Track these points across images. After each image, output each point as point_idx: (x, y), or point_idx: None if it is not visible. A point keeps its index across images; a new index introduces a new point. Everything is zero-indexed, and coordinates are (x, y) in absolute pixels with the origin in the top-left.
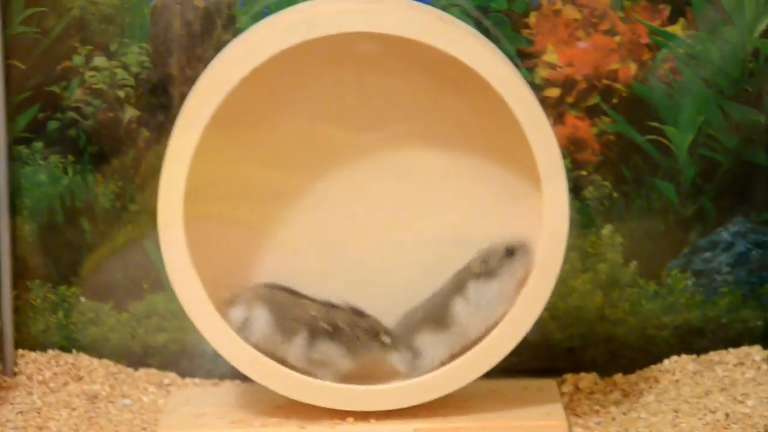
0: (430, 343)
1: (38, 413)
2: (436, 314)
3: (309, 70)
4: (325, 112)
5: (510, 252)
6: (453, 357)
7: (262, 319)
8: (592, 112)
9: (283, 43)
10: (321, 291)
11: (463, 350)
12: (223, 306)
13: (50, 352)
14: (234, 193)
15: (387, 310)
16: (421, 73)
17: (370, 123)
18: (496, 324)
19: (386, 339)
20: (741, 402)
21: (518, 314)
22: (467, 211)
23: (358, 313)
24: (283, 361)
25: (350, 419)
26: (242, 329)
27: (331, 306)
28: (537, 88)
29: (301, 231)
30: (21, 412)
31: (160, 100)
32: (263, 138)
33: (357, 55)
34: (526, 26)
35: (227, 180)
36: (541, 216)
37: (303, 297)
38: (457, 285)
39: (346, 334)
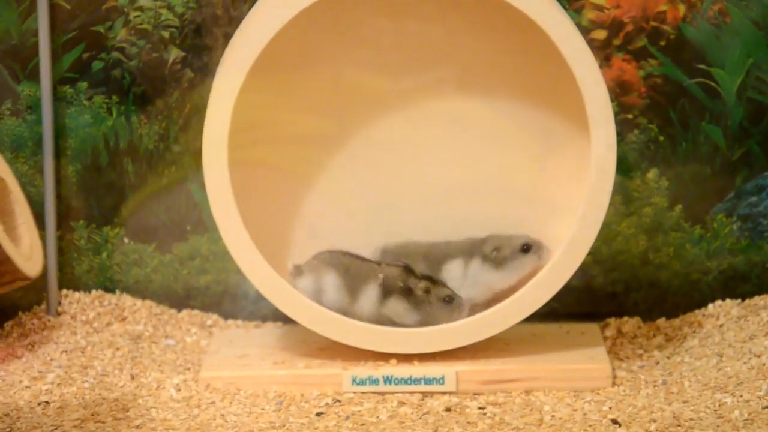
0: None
1: (82, 352)
2: (432, 260)
3: (347, 18)
4: (364, 59)
5: (525, 248)
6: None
7: (330, 283)
8: (639, 55)
9: None
10: (357, 237)
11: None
12: (291, 276)
13: (94, 292)
14: (275, 138)
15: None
16: (458, 17)
17: (408, 69)
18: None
19: (460, 306)
20: None
21: (562, 258)
22: (509, 160)
23: (432, 280)
24: (352, 316)
25: (393, 361)
26: (313, 298)
27: (406, 269)
28: (583, 30)
29: (340, 177)
30: (65, 351)
31: (205, 41)
32: (303, 84)
33: (393, 2)
34: None
35: (268, 125)
36: (588, 162)
37: (372, 261)
38: (464, 250)
39: (419, 297)
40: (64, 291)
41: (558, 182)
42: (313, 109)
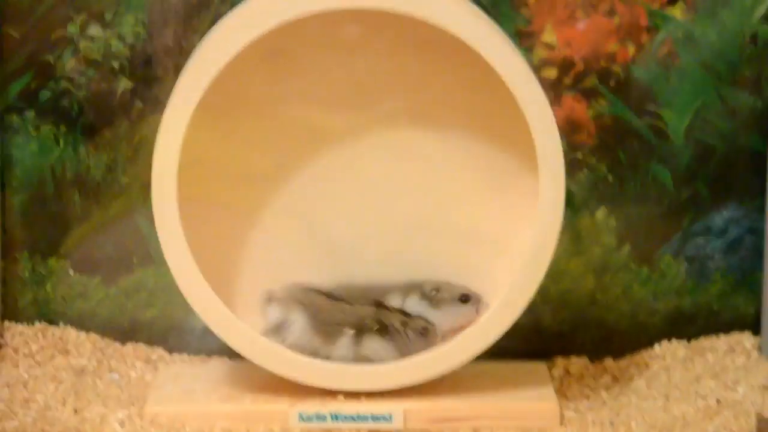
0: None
1: (24, 386)
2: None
3: (296, 54)
4: (312, 95)
5: (464, 299)
6: None
7: (298, 323)
8: (590, 94)
9: (282, 14)
10: (307, 274)
11: None
12: (262, 301)
13: (37, 324)
14: (223, 175)
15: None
16: (409, 53)
17: (357, 104)
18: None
19: (434, 336)
20: (732, 388)
21: (510, 298)
22: (457, 195)
23: (404, 313)
24: (327, 359)
25: (341, 397)
26: (277, 331)
27: (380, 306)
28: (534, 68)
29: (290, 215)
30: (7, 385)
31: (155, 72)
32: (252, 121)
33: (344, 37)
34: (525, 5)
35: (217, 161)
36: (536, 200)
37: (344, 301)
38: (402, 288)
39: (396, 331)
40: (7, 323)
41: (506, 219)
42: (261, 145)
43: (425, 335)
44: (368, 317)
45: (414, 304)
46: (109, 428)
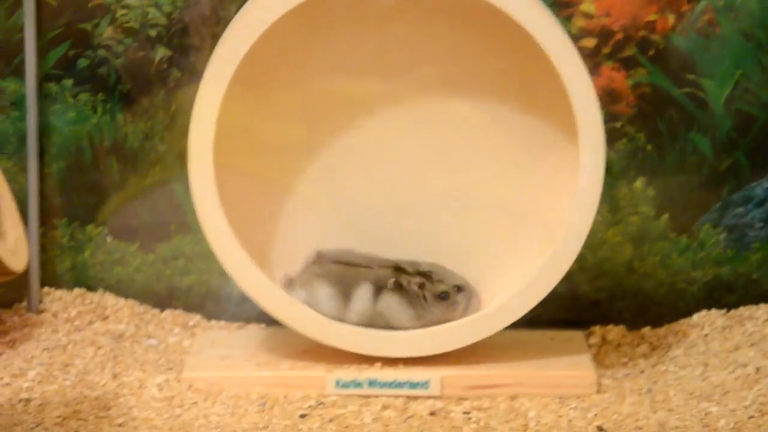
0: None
1: (64, 350)
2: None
3: (329, 24)
4: (347, 65)
5: (443, 295)
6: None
7: (325, 296)
8: (628, 64)
9: None
10: (339, 243)
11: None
12: (283, 288)
13: (76, 290)
14: (259, 145)
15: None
16: (443, 21)
17: (391, 73)
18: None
19: (455, 303)
20: None
21: (548, 266)
22: (493, 165)
23: (426, 276)
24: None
25: (378, 364)
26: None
27: (398, 269)
28: (573, 38)
29: (323, 184)
30: (46, 349)
31: (192, 41)
32: (286, 91)
33: (377, 6)
34: None
35: (253, 132)
36: (574, 170)
37: (361, 265)
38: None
39: (412, 293)
40: (46, 289)
41: (544, 188)
42: (295, 115)
43: (445, 299)
44: (386, 277)
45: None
46: (147, 393)
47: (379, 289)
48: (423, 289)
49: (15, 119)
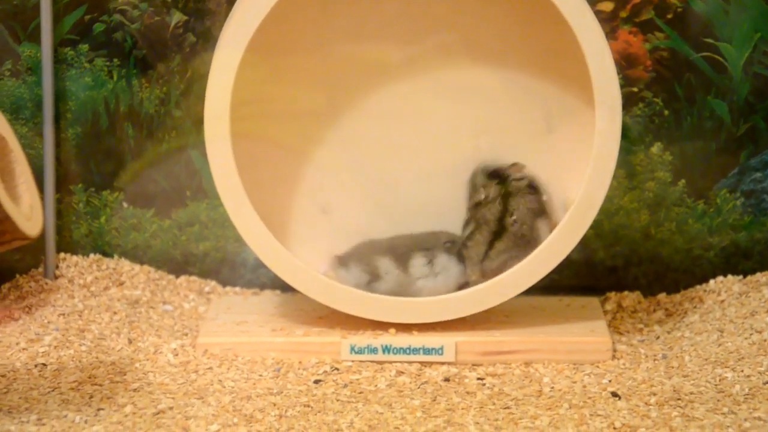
0: (389, 272)
1: (80, 316)
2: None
3: None
4: (368, 31)
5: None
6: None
7: (388, 269)
8: (646, 28)
9: None
10: (357, 211)
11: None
12: (333, 267)
13: (92, 256)
14: (276, 112)
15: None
16: None
17: (412, 38)
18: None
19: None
20: None
21: (563, 232)
22: (512, 129)
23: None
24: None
25: (392, 330)
26: (368, 286)
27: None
28: (590, 1)
29: (341, 150)
30: (63, 314)
31: (207, 6)
32: (305, 58)
33: None
34: None
35: (270, 98)
36: (591, 134)
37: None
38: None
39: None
40: (62, 254)
41: (561, 153)
42: (313, 82)
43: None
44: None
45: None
46: (162, 358)
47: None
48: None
49: (31, 84)
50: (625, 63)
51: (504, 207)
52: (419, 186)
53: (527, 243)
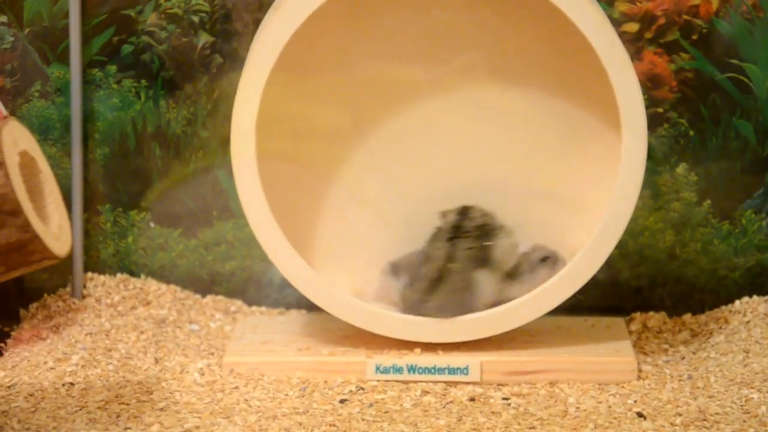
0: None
1: (107, 335)
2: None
3: (372, 10)
4: (390, 51)
5: (544, 260)
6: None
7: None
8: (671, 49)
9: None
10: (383, 230)
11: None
12: (385, 274)
13: (119, 276)
14: (302, 132)
15: None
16: (486, 7)
17: (435, 58)
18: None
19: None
20: None
21: (588, 253)
22: (536, 150)
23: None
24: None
25: (417, 350)
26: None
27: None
28: (615, 22)
29: (367, 171)
30: (90, 334)
31: (235, 27)
32: (330, 78)
33: None
34: None
35: (295, 118)
36: (616, 156)
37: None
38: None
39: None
40: (89, 274)
41: (585, 175)
42: (339, 101)
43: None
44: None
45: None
46: (189, 377)
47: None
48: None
49: (60, 105)
50: (650, 84)
51: (448, 249)
52: (443, 205)
53: (460, 291)
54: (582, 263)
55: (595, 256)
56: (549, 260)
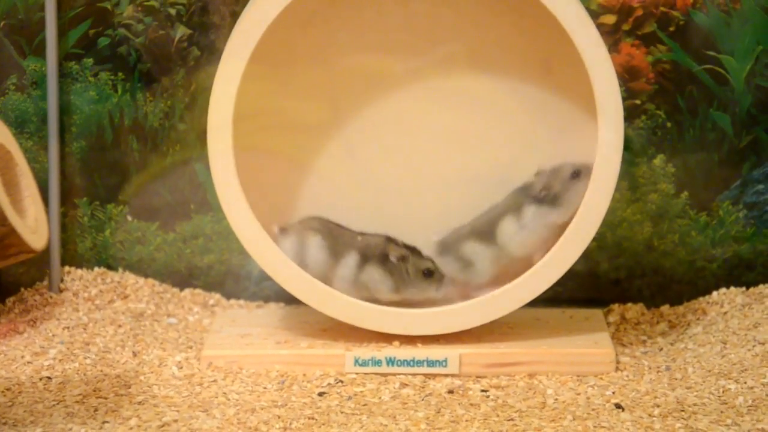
0: (478, 253)
1: (84, 329)
2: (482, 230)
3: (354, 2)
4: (370, 42)
5: (576, 174)
6: (499, 276)
7: (315, 246)
8: (648, 40)
9: None
10: (359, 222)
11: (507, 270)
12: (275, 236)
13: (96, 269)
14: (279, 125)
15: (422, 244)
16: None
17: (415, 49)
18: (540, 248)
19: (440, 281)
20: None
21: (566, 244)
22: (514, 145)
23: (416, 252)
24: (329, 283)
25: (396, 343)
26: (297, 257)
27: (389, 240)
28: (593, 14)
29: (344, 162)
30: (67, 328)
31: (212, 19)
32: (307, 70)
33: None
34: None
35: (272, 111)
36: (593, 146)
37: (356, 232)
38: (512, 205)
39: (394, 265)
40: (67, 268)
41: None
42: (316, 94)
43: (428, 276)
44: (375, 247)
45: (534, 217)
46: (167, 371)
47: (365, 258)
48: (405, 262)
49: (36, 98)
50: (627, 76)
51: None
52: (423, 196)
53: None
54: (560, 255)
55: (572, 248)
56: (582, 173)
